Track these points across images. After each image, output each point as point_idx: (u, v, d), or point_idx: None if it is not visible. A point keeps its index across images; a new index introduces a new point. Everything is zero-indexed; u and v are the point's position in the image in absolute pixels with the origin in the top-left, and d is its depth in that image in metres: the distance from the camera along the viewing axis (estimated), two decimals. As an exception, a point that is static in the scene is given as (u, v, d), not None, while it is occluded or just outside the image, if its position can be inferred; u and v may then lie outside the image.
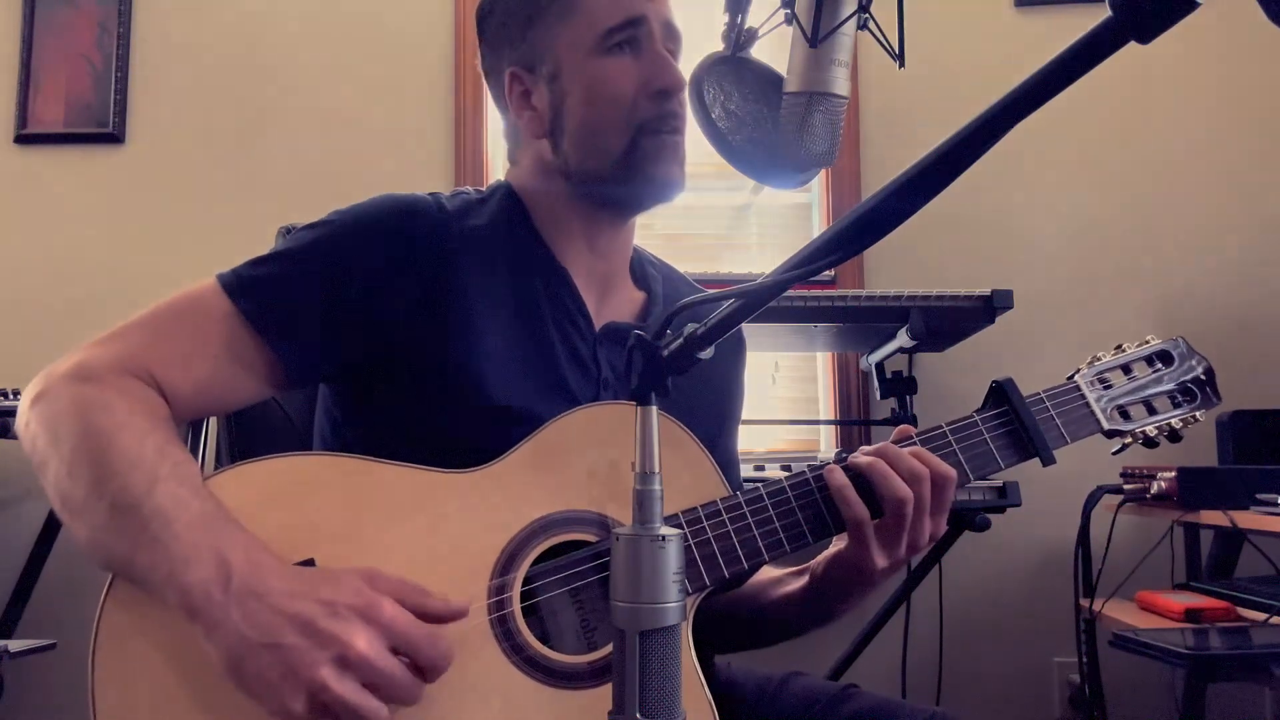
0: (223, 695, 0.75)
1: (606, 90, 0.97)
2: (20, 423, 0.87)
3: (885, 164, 2.51)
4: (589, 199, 1.02)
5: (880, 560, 0.90)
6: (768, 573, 1.08)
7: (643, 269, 1.12)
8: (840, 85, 0.68)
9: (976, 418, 0.96)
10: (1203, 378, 1.03)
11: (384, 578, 0.78)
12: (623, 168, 0.98)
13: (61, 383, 0.85)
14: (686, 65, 0.98)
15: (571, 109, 0.99)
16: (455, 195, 1.03)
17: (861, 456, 0.90)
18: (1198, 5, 0.46)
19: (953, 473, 0.90)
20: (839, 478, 0.89)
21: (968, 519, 1.80)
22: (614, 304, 1.07)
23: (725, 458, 1.07)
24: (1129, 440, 1.01)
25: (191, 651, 0.76)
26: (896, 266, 2.48)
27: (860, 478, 0.89)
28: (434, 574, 0.83)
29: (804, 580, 1.01)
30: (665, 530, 0.60)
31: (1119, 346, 1.05)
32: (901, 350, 2.04)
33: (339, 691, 0.72)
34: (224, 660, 0.74)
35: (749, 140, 0.81)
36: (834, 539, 0.97)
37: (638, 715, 0.58)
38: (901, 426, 0.96)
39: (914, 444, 0.93)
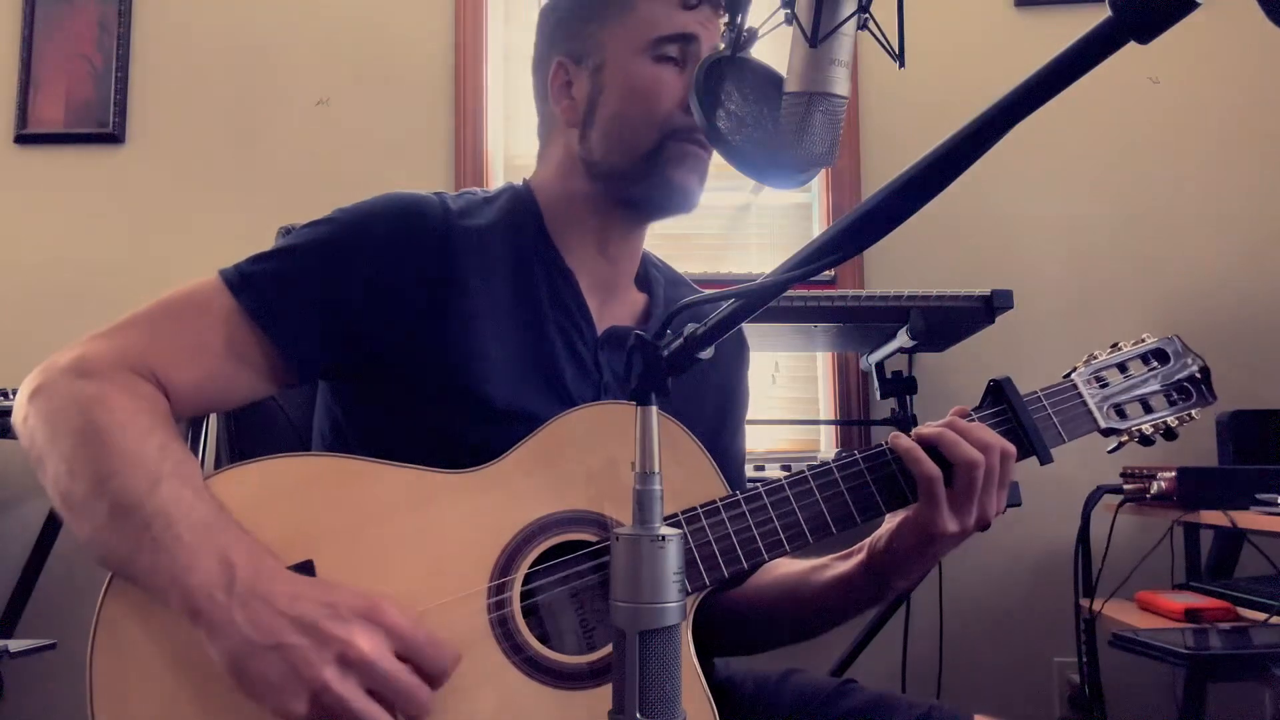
0: (224, 695, 0.75)
1: (645, 91, 0.99)
2: (18, 416, 0.86)
3: (885, 164, 2.51)
4: (607, 196, 1.02)
5: (951, 525, 0.90)
6: (800, 564, 1.06)
7: (646, 271, 1.12)
8: (840, 85, 0.68)
9: (975, 416, 0.97)
10: (1198, 376, 1.04)
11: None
12: (645, 166, 0.99)
13: (61, 377, 0.85)
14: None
15: (607, 100, 1.00)
16: (460, 195, 1.03)
17: (929, 427, 0.92)
18: (1197, 5, 0.46)
19: (1013, 448, 0.92)
20: (905, 441, 0.91)
21: (968, 519, 1.79)
22: (616, 307, 1.07)
23: (728, 458, 1.07)
24: (1125, 439, 1.01)
25: (192, 651, 0.76)
26: (896, 266, 2.48)
27: (929, 446, 0.90)
28: (433, 575, 0.83)
29: (859, 558, 1.00)
30: (665, 530, 0.60)
31: (1115, 345, 1.05)
32: (901, 350, 2.04)
33: (340, 692, 0.72)
34: (227, 662, 0.74)
35: (749, 140, 0.80)
36: (833, 536, 0.97)
37: (638, 715, 0.58)
38: (959, 407, 0.97)
39: (973, 419, 0.95)
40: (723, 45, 0.84)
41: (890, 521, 0.97)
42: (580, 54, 1.03)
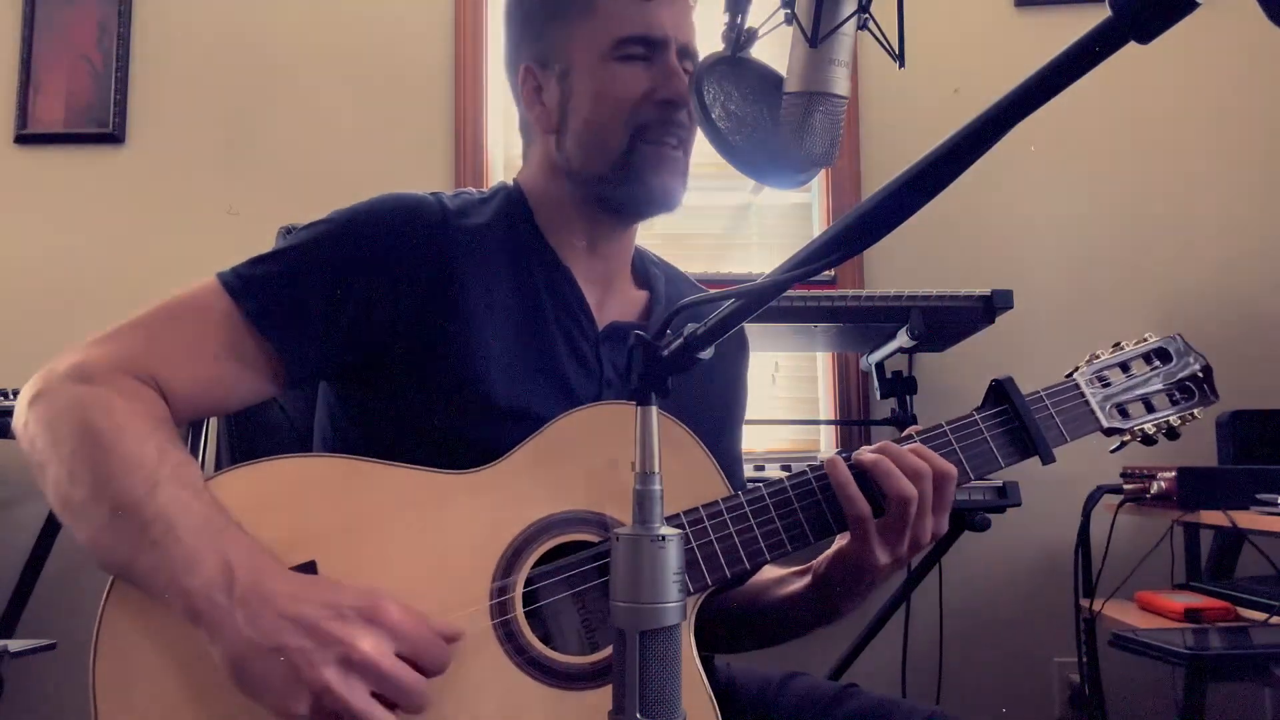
0: (225, 698, 0.75)
1: (613, 92, 0.98)
2: (18, 423, 0.86)
3: (885, 164, 2.51)
4: (589, 200, 1.02)
5: (883, 557, 0.89)
6: (770, 573, 1.08)
7: (645, 268, 1.12)
8: (840, 85, 0.68)
9: (976, 416, 0.96)
10: (1200, 375, 1.04)
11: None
12: (620, 170, 0.98)
13: (60, 383, 0.85)
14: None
15: (577, 107, 1.00)
16: (457, 195, 1.03)
17: (866, 454, 0.90)
18: (1198, 5, 0.46)
19: (953, 470, 0.90)
20: (842, 473, 0.89)
21: (968, 519, 1.80)
22: (616, 303, 1.07)
23: (728, 458, 1.07)
24: (1128, 438, 1.01)
25: (193, 654, 0.76)
26: (896, 266, 2.48)
27: (863, 475, 0.89)
28: (436, 576, 0.83)
29: (807, 580, 1.01)
30: (665, 530, 0.60)
31: (1117, 344, 1.05)
32: (901, 350, 2.04)
33: (343, 694, 0.72)
34: (228, 664, 0.74)
35: (749, 140, 0.80)
36: (836, 537, 0.98)
37: (638, 715, 0.58)
38: (909, 429, 0.96)
39: (914, 442, 0.93)
40: (723, 45, 0.84)
41: (830, 549, 0.98)
42: (546, 58, 1.02)
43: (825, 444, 2.56)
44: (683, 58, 1.00)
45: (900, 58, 0.66)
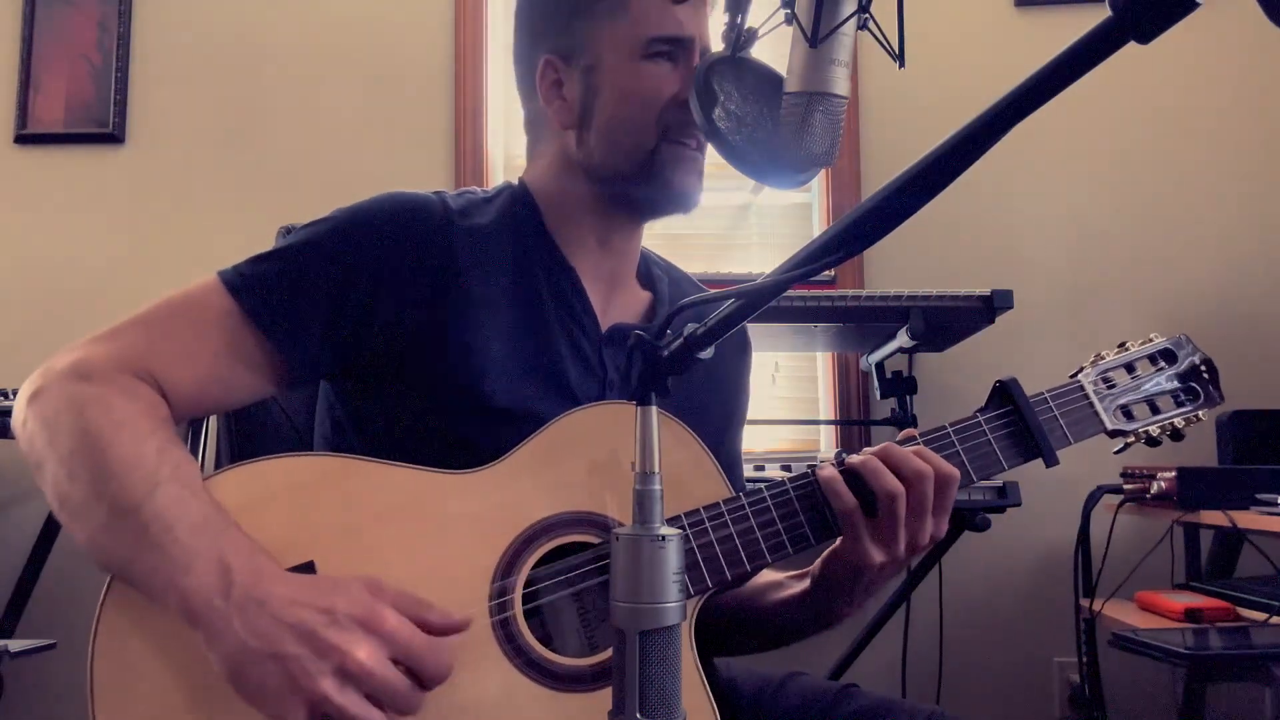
0: (223, 699, 0.75)
1: (641, 91, 0.98)
2: (16, 420, 0.86)
3: (885, 164, 2.51)
4: (607, 197, 1.02)
5: (877, 555, 0.88)
6: (769, 576, 1.08)
7: (648, 269, 1.12)
8: (840, 85, 0.68)
9: (980, 418, 0.96)
10: (1206, 376, 1.03)
11: (386, 588, 0.77)
12: (643, 169, 0.98)
13: (59, 380, 0.85)
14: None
15: (603, 104, 0.99)
16: (461, 194, 1.03)
17: (860, 455, 0.90)
18: (1198, 5, 0.46)
19: (955, 473, 0.89)
20: (827, 471, 0.89)
21: (968, 519, 1.79)
22: (620, 304, 1.06)
23: (729, 459, 1.07)
24: (1132, 439, 1.00)
25: (191, 655, 0.76)
26: (896, 266, 2.48)
27: (854, 475, 0.89)
28: (435, 577, 0.83)
29: (805, 583, 1.01)
30: (665, 530, 0.59)
31: (1122, 344, 1.04)
32: (901, 350, 2.04)
33: (340, 703, 0.71)
34: (225, 668, 0.74)
35: (749, 140, 0.81)
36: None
37: (638, 715, 0.58)
38: (906, 430, 0.96)
39: (917, 443, 0.93)
40: (723, 45, 0.84)
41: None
42: (569, 52, 1.01)
43: (825, 444, 2.56)
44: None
45: (900, 58, 0.66)
